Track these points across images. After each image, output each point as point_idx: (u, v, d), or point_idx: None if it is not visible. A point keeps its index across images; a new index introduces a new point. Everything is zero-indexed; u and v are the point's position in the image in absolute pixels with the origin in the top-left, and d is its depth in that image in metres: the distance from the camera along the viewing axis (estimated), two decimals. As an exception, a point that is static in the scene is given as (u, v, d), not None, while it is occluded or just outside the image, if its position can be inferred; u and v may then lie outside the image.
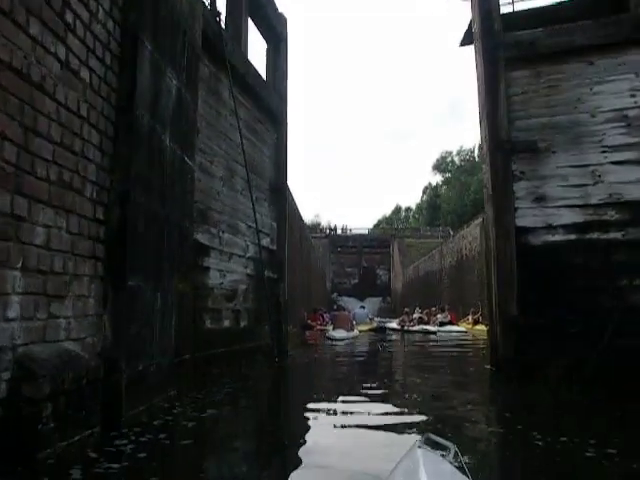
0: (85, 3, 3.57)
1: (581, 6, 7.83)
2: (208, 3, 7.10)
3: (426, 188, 76.74)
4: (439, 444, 1.96)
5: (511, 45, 7.16)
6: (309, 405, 4.82)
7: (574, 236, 6.59)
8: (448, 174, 72.09)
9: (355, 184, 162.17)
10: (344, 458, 3.14)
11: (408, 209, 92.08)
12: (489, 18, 7.28)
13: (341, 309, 18.01)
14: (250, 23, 9.05)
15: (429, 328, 18.81)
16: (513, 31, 7.26)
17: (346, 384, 6.52)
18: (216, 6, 7.41)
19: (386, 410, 4.63)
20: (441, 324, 19.72)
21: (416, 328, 19.66)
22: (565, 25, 7.00)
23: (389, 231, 65.75)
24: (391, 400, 5.16)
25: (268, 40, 9.93)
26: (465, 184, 59.04)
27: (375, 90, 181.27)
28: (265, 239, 8.76)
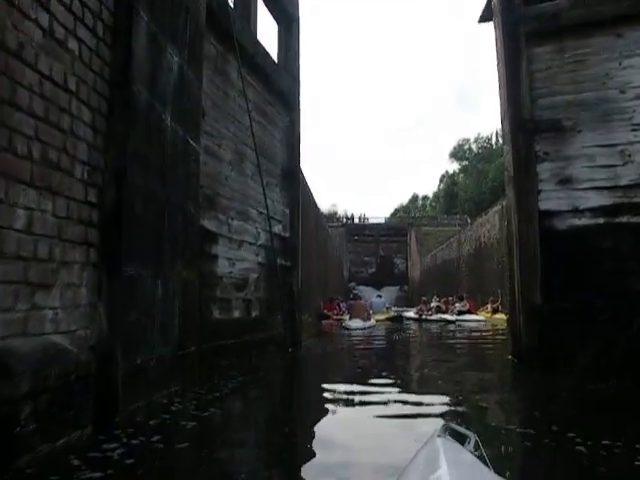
0: (71, -33, 3.29)
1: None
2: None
3: (443, 176, 76.14)
4: (459, 433, 1.97)
5: (533, 18, 6.77)
6: (323, 399, 4.57)
7: (602, 220, 6.21)
8: (465, 162, 71.48)
9: (371, 174, 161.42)
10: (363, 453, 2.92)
11: (425, 197, 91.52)
12: (509, -10, 6.90)
13: (357, 298, 17.68)
14: (260, 3, 8.72)
15: (447, 317, 18.46)
16: (535, 4, 6.87)
17: (362, 376, 6.22)
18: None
19: (403, 402, 4.37)
20: (459, 313, 19.40)
21: (434, 317, 19.33)
22: (591, -5, 6.59)
23: (406, 220, 65.27)
24: (409, 392, 4.88)
25: (279, 21, 9.57)
26: (483, 172, 58.43)
27: (387, 79, 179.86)
28: (277, 226, 8.48)
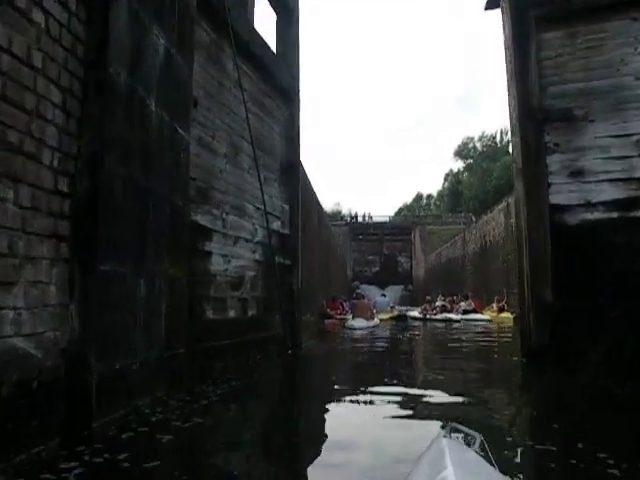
0: None
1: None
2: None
3: (447, 175, 75.75)
4: (465, 434, 1.98)
5: (542, 2, 6.45)
6: (322, 410, 4.23)
7: (616, 214, 5.88)
8: (470, 160, 71.08)
9: (372, 174, 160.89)
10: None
11: (429, 196, 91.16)
12: (518, -27, 6.56)
13: (360, 297, 17.36)
14: (257, -9, 8.42)
15: (452, 317, 18.14)
16: (545, -13, 6.54)
17: (364, 379, 5.91)
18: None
19: (406, 410, 4.05)
20: (464, 312, 19.09)
21: (439, 317, 19.01)
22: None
23: (410, 218, 64.94)
24: (413, 399, 4.56)
25: (278, 11, 9.25)
26: (487, 170, 58.00)
27: (386, 79, 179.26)
28: (276, 222, 8.16)
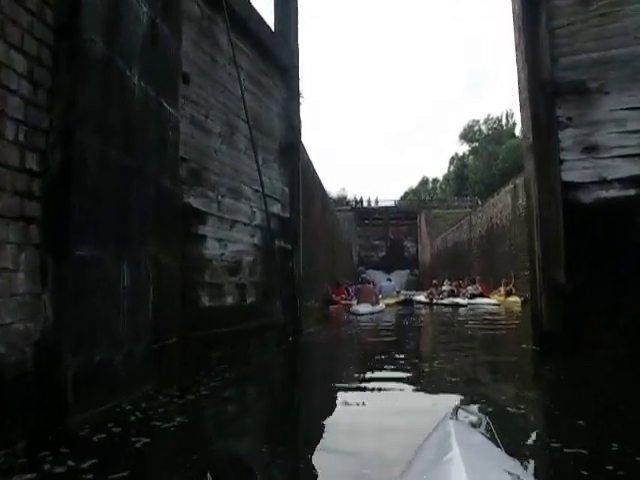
0: None
1: None
2: None
3: (453, 158, 75.04)
4: (471, 415, 2.04)
5: (553, -33, 6.06)
6: (322, 406, 3.93)
7: (633, 191, 5.54)
8: (475, 143, 70.44)
9: (380, 157, 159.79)
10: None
11: (435, 180, 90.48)
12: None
13: (365, 282, 17.10)
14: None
15: (459, 301, 17.84)
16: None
17: (367, 366, 5.64)
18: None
19: (413, 401, 3.78)
20: (471, 296, 18.78)
21: (445, 301, 18.73)
22: None
23: (416, 202, 64.51)
24: (419, 390, 4.29)
25: (275, -14, 8.90)
26: (493, 153, 57.41)
27: (386, 82, 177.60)
28: (275, 205, 7.86)
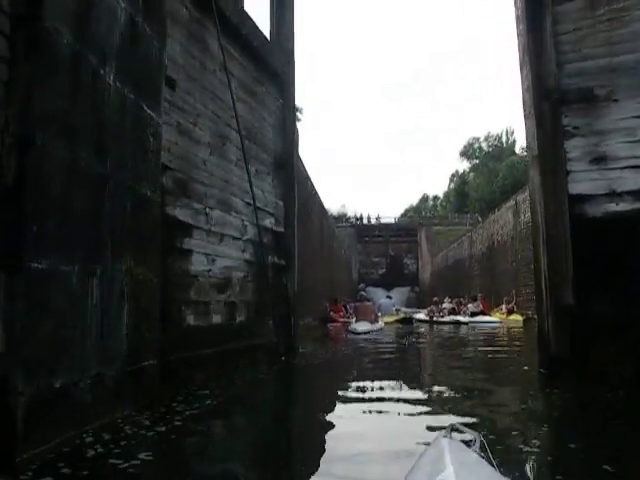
0: None
1: None
2: None
3: (453, 176, 75.15)
4: (465, 434, 1.99)
5: (558, -31, 5.80)
6: (312, 439, 3.58)
7: (646, 204, 5.24)
8: (476, 160, 70.60)
9: (375, 177, 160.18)
10: None
11: (435, 197, 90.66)
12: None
13: (364, 299, 16.74)
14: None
15: (460, 319, 17.48)
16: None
17: (363, 392, 5.27)
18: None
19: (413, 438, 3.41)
20: (472, 314, 18.44)
21: (446, 319, 18.37)
22: None
23: (416, 219, 64.40)
24: (414, 419, 3.94)
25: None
26: (493, 170, 57.31)
27: (384, 81, 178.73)
28: (268, 219, 7.54)
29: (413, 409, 4.23)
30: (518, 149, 64.07)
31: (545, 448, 3.12)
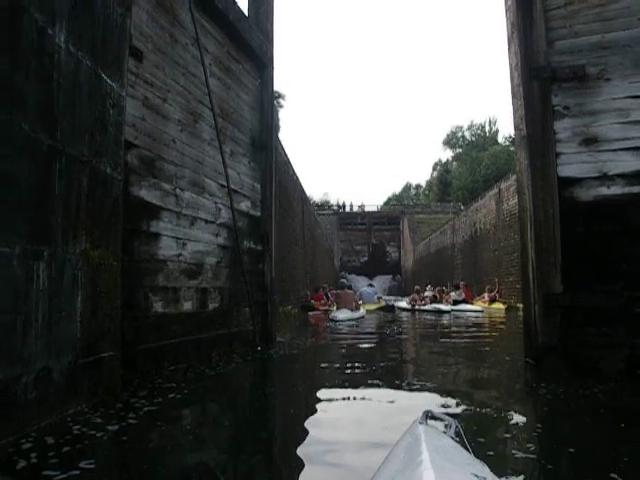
0: None
1: None
2: None
3: (436, 164, 75.27)
4: (440, 420, 2.02)
5: (549, -60, 5.50)
6: (284, 437, 3.34)
7: (638, 188, 4.99)
8: (459, 149, 70.81)
9: (364, 163, 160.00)
10: None
11: (418, 186, 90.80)
12: None
13: (345, 287, 16.48)
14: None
15: (442, 307, 17.31)
16: None
17: (338, 384, 4.98)
18: None
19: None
20: (455, 302, 18.32)
21: (428, 307, 18.20)
22: None
23: (399, 208, 64.38)
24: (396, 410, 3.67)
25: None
26: (476, 159, 57.38)
27: (375, 72, 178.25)
28: (244, 202, 7.21)
29: (392, 397, 4.03)
30: (501, 139, 64.27)
31: (528, 439, 2.87)
